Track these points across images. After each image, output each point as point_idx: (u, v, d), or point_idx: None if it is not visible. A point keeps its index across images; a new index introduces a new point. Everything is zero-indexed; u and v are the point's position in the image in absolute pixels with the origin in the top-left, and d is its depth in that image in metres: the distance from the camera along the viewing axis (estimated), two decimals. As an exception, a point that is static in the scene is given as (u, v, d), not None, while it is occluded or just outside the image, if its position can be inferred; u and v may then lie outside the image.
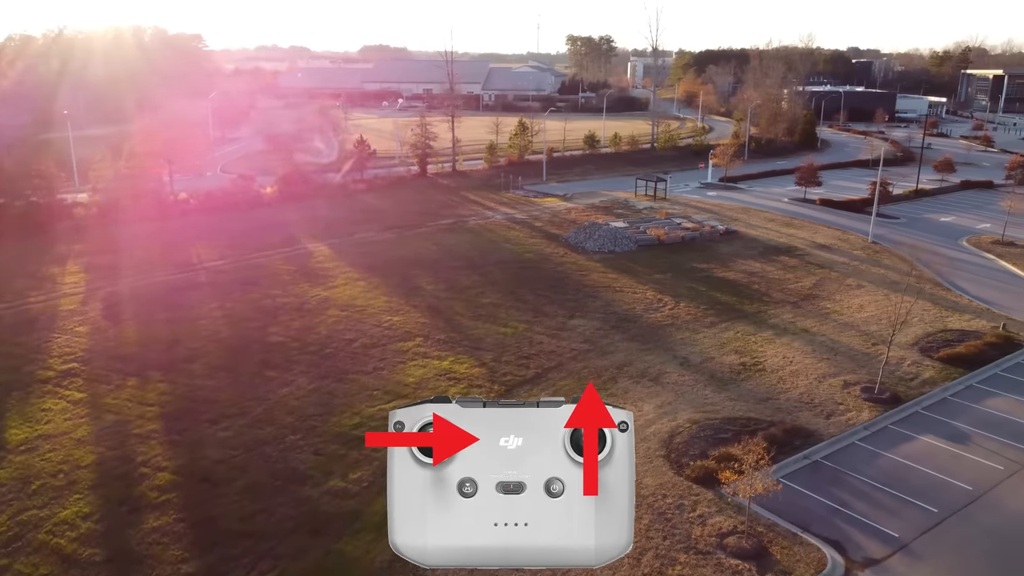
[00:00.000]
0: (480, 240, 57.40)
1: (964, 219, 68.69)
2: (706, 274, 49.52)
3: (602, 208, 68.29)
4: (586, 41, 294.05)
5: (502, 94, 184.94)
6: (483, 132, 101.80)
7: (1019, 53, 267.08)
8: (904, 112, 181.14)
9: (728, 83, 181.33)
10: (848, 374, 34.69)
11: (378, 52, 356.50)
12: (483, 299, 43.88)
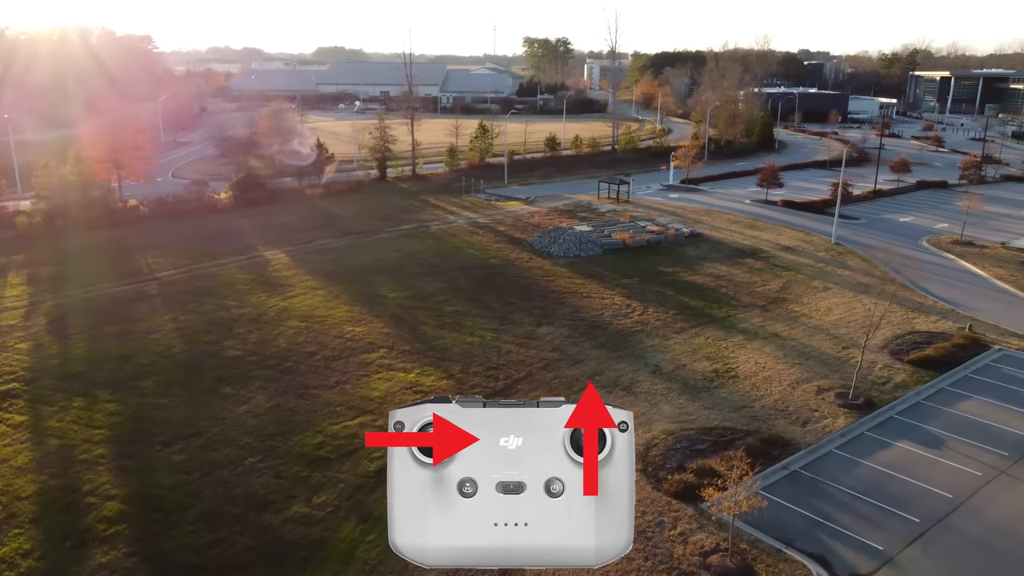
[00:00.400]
0: (443, 245, 56.17)
1: (922, 219, 69.40)
2: (673, 278, 48.97)
3: (565, 211, 67.52)
4: (543, 43, 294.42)
5: (460, 96, 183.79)
6: (443, 135, 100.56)
7: (963, 55, 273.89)
8: (856, 113, 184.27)
9: (684, 85, 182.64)
10: (821, 379, 34.26)
11: (333, 54, 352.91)
12: (448, 307, 42.69)
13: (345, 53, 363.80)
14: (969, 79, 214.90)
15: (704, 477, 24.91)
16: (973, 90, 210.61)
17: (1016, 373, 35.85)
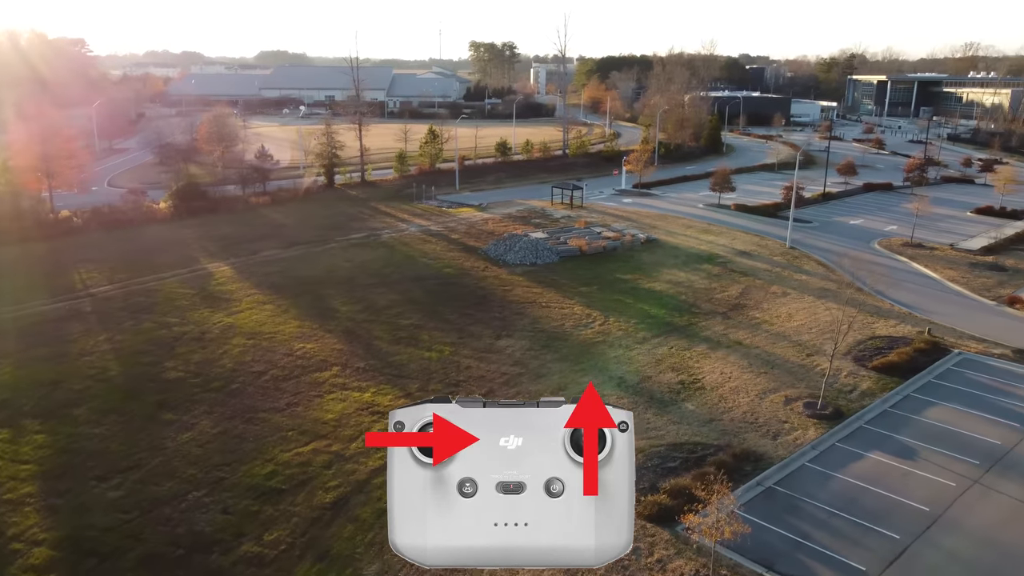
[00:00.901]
0: (395, 255, 54.44)
1: (872, 221, 70.05)
2: (632, 285, 48.13)
3: (519, 218, 66.35)
4: (488, 47, 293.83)
5: (407, 101, 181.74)
6: (391, 140, 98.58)
7: (897, 60, 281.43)
8: (798, 116, 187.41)
9: (631, 89, 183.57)
10: (788, 389, 33.64)
11: (276, 58, 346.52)
12: (403, 320, 41.06)
13: (288, 57, 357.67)
14: (904, 83, 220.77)
15: (678, 498, 23.90)
16: (908, 93, 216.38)
17: (978, 377, 35.78)
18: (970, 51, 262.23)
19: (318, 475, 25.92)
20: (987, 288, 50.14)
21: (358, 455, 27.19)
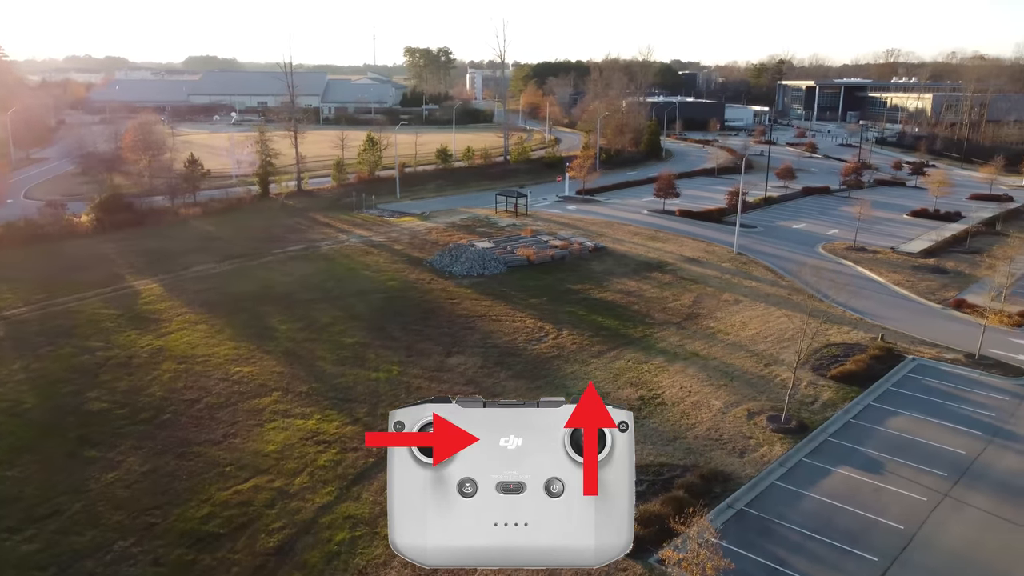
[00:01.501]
0: (336, 268, 52.13)
1: (814, 225, 70.56)
2: (583, 296, 46.93)
3: (464, 227, 64.65)
4: (424, 53, 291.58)
5: (342, 107, 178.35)
6: (328, 147, 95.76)
7: (822, 66, 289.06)
8: (732, 121, 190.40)
9: (568, 95, 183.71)
10: (749, 401, 32.76)
11: (205, 63, 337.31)
12: (347, 338, 38.94)
13: (218, 63, 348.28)
14: (832, 88, 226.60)
15: (650, 526, 22.60)
16: (836, 98, 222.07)
17: (934, 384, 35.58)
18: (892, 57, 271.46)
19: (260, 516, 23.77)
20: (932, 291, 50.57)
21: (303, 491, 25.13)
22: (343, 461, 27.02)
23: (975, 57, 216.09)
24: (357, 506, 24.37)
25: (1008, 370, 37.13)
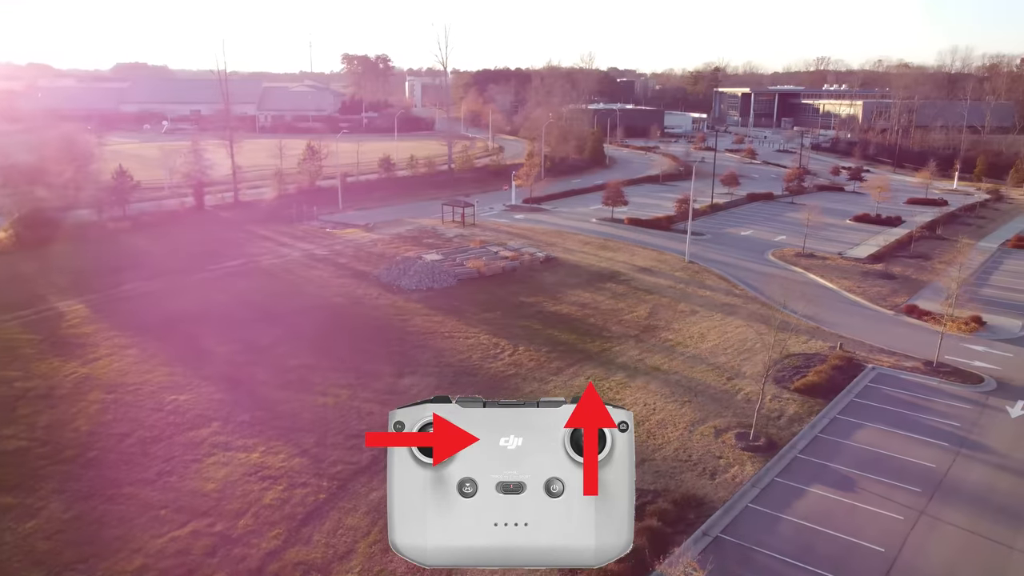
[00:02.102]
0: (278, 284, 49.66)
1: (761, 232, 70.70)
2: (537, 309, 45.53)
3: (410, 238, 62.67)
4: (362, 60, 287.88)
5: (279, 115, 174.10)
6: (265, 156, 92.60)
7: (756, 73, 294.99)
8: (672, 128, 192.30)
9: (509, 102, 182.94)
10: (715, 418, 31.74)
11: (135, 70, 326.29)
12: (291, 360, 36.70)
13: (148, 69, 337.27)
14: (766, 95, 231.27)
15: (623, 561, 21.16)
16: (770, 105, 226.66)
17: (895, 393, 35.18)
18: (822, 65, 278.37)
19: (200, 566, 21.58)
20: (883, 297, 50.67)
21: (248, 535, 23.01)
22: (291, 499, 24.96)
23: (900, 65, 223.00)
24: (308, 551, 22.37)
25: (966, 377, 37.02)
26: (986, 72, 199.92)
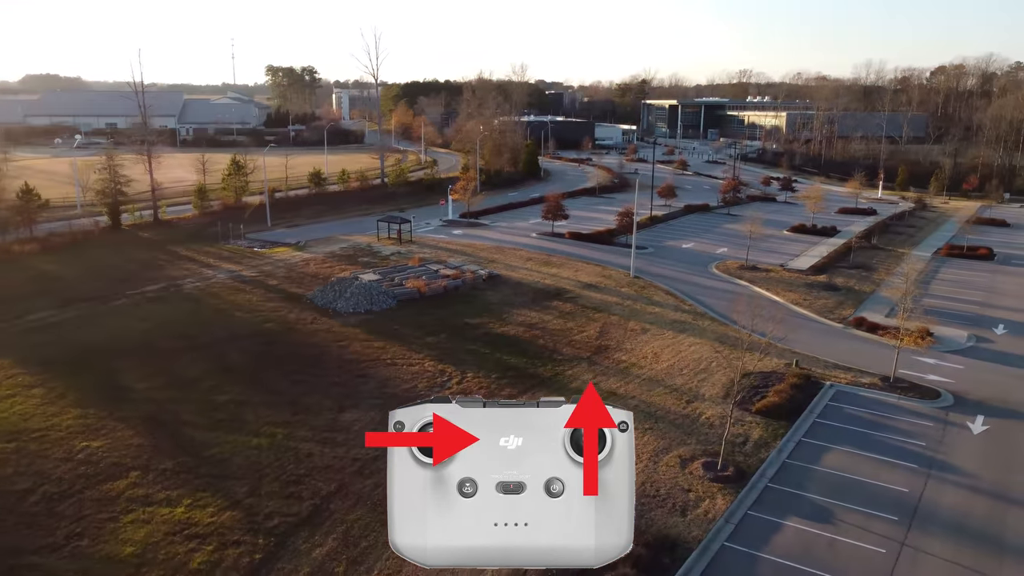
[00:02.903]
0: (203, 310, 46.21)
1: (702, 244, 70.19)
2: (483, 331, 43.37)
3: (345, 257, 59.78)
4: (287, 72, 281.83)
5: (202, 128, 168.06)
6: (187, 172, 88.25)
7: (681, 85, 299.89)
8: (602, 139, 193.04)
9: (440, 114, 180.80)
10: (679, 446, 30.11)
11: (45, 82, 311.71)
12: (220, 395, 33.63)
13: (60, 81, 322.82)
14: (693, 107, 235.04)
15: None
16: (697, 117, 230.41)
17: (857, 412, 34.27)
18: (744, 78, 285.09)
19: (116, 651, 18.65)
20: (829, 310, 50.30)
21: (173, 609, 20.14)
22: (222, 561, 22.13)
23: (819, 78, 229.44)
24: (244, 625, 19.66)
25: (924, 392, 36.43)
26: (898, 85, 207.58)
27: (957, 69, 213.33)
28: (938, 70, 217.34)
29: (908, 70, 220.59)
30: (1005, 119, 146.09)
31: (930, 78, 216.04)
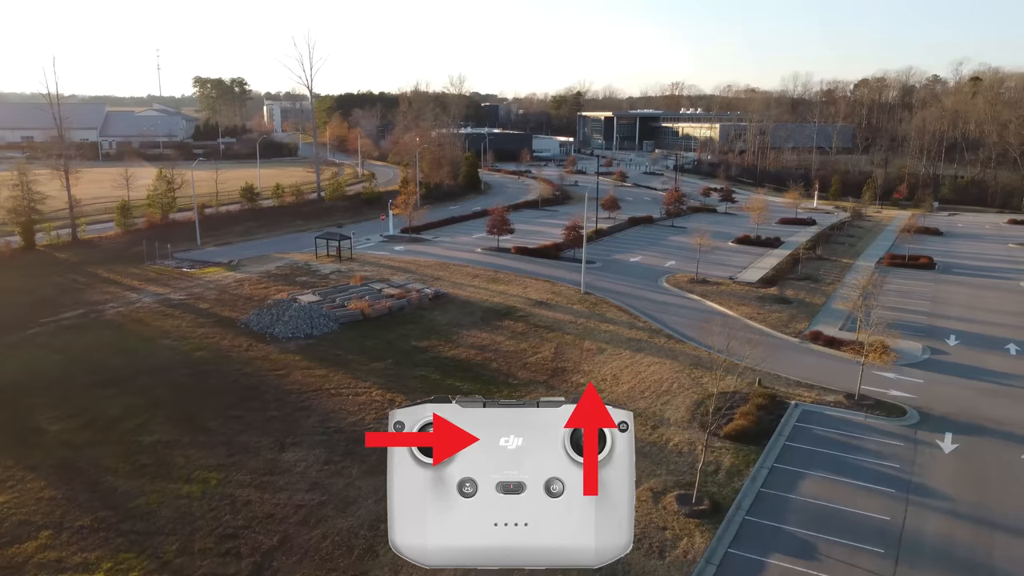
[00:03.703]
0: (127, 339, 42.64)
1: (649, 258, 69.14)
2: (433, 355, 41.02)
3: (281, 276, 56.62)
4: (216, 83, 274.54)
5: (126, 141, 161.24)
6: (110, 187, 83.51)
7: (615, 97, 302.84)
8: (540, 151, 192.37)
9: (375, 126, 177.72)
10: (650, 478, 28.33)
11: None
12: (145, 436, 30.49)
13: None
14: (628, 118, 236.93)
15: None
16: (632, 128, 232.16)
17: (825, 433, 33.12)
18: (676, 90, 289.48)
19: None
20: (784, 323, 49.51)
21: None
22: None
23: (748, 90, 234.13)
24: None
25: (889, 410, 35.55)
26: (824, 97, 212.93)
27: (879, 82, 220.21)
28: (861, 83, 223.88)
29: (833, 83, 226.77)
30: (928, 130, 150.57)
31: (854, 90, 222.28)
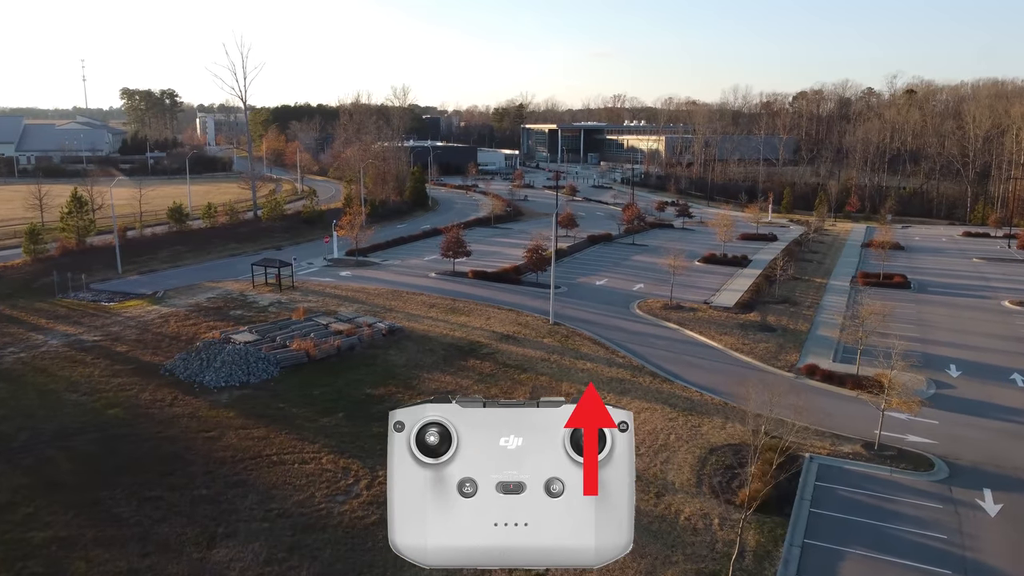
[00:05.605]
0: (25, 394, 36.04)
1: (616, 280, 64.74)
2: (391, 405, 35.27)
3: (213, 310, 50.30)
4: (145, 95, 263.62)
5: (45, 156, 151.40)
6: (22, 207, 75.58)
7: (557, 110, 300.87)
8: (485, 165, 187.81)
9: (314, 139, 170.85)
10: (665, 567, 23.48)
11: None
12: (37, 532, 24.36)
13: None
14: (572, 131, 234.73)
15: None
16: (577, 141, 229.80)
17: (852, 495, 28.88)
18: (618, 102, 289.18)
19: None
20: (772, 355, 45.47)
21: None
22: None
23: (689, 102, 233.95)
24: None
25: (915, 461, 31.50)
26: (763, 109, 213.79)
27: (817, 94, 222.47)
28: (800, 95, 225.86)
29: (772, 95, 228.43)
30: (872, 142, 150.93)
31: (793, 102, 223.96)
